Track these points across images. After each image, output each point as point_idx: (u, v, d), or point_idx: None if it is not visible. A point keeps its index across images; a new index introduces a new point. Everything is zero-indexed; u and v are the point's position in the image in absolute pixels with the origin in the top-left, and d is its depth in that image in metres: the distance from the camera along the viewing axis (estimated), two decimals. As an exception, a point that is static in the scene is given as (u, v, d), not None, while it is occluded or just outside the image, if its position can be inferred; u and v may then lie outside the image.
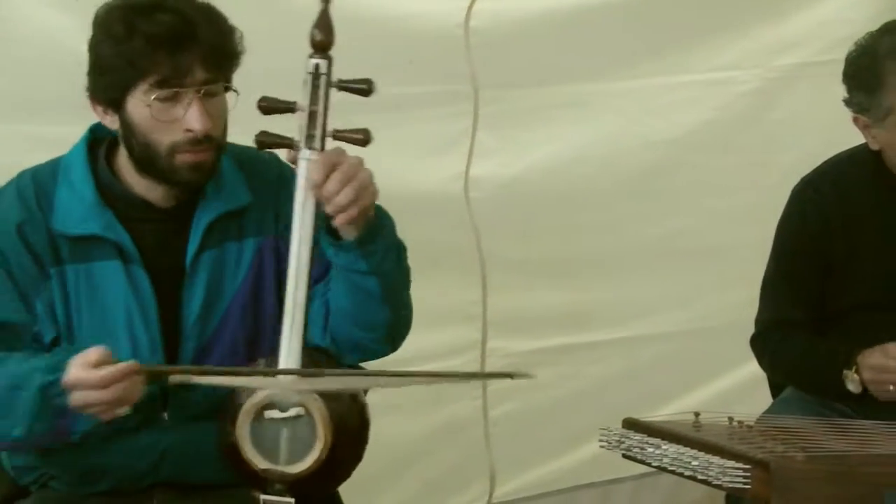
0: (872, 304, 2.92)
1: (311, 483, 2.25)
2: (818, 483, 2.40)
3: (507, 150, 3.66)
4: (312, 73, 2.28)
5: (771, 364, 3.09)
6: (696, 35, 3.84)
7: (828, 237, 2.97)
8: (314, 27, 2.29)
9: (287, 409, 2.23)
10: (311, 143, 2.27)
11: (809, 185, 3.04)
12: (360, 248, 2.32)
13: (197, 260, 2.43)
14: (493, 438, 3.72)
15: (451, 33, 3.46)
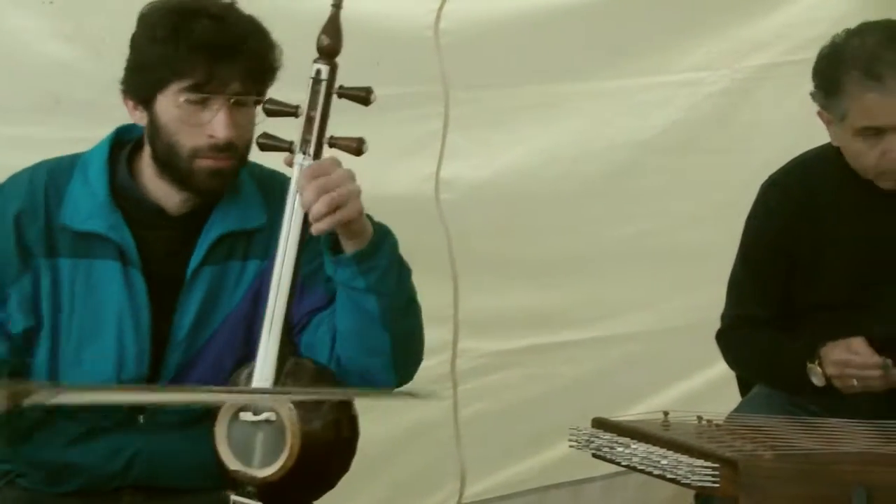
0: (838, 302, 2.93)
1: (284, 490, 2.24)
2: (786, 481, 2.41)
3: (478, 151, 3.66)
4: (314, 78, 2.28)
5: (735, 359, 3.10)
6: (664, 36, 3.85)
7: (794, 235, 2.98)
8: (322, 32, 2.29)
9: (260, 412, 2.22)
10: (305, 149, 2.27)
11: (776, 183, 3.06)
12: (358, 264, 2.31)
13: (197, 273, 2.43)
14: (463, 439, 3.72)
15: (420, 35, 3.46)
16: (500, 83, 3.64)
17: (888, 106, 2.76)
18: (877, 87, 2.75)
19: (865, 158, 2.84)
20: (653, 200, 3.91)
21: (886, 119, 2.77)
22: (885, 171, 2.83)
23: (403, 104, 3.49)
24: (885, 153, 2.80)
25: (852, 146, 2.85)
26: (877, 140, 2.80)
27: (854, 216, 2.94)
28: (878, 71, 2.75)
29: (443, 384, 3.70)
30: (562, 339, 3.86)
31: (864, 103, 2.78)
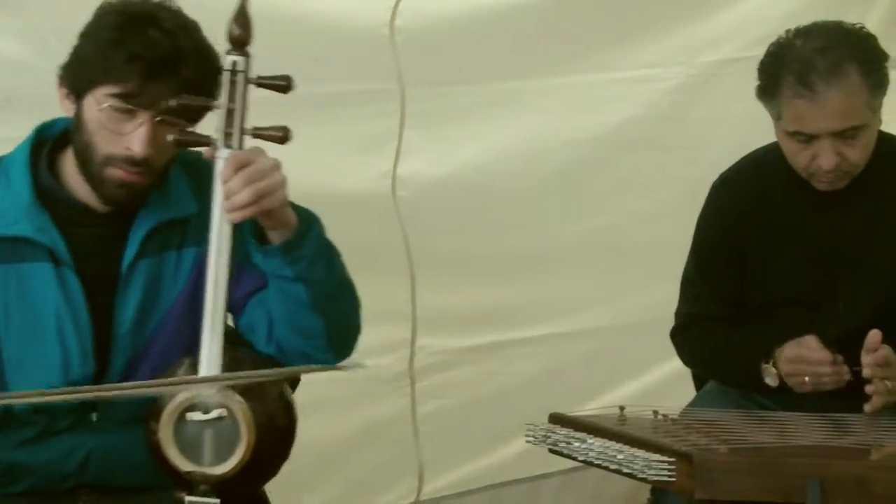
0: (790, 300, 2.95)
1: (236, 482, 2.24)
2: (741, 475, 2.42)
3: (435, 148, 3.66)
4: (230, 71, 2.25)
5: (690, 357, 3.12)
6: (620, 33, 3.86)
7: (745, 233, 3.00)
8: (231, 22, 2.26)
9: (209, 410, 2.21)
10: (228, 142, 2.25)
11: (727, 181, 3.08)
12: (285, 254, 2.29)
13: (133, 267, 2.40)
14: (421, 436, 3.72)
15: (376, 32, 3.46)
16: (457, 80, 3.64)
17: (817, 115, 2.77)
18: (808, 95, 2.76)
19: (798, 159, 2.86)
20: (609, 197, 3.92)
21: (815, 127, 2.78)
22: (815, 174, 2.85)
23: (360, 101, 3.49)
24: (815, 157, 2.82)
25: (787, 145, 2.87)
26: (808, 144, 2.82)
27: (805, 214, 2.95)
28: (810, 79, 2.75)
29: (400, 381, 3.70)
30: (519, 335, 3.86)
31: (795, 109, 2.79)
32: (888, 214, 2.92)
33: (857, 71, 2.77)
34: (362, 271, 3.52)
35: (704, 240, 3.08)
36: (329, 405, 3.55)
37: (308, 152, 3.42)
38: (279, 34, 3.29)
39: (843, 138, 2.79)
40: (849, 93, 2.76)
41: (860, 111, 2.79)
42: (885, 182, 2.92)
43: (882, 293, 2.91)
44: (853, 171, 2.85)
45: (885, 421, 2.69)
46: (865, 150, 2.84)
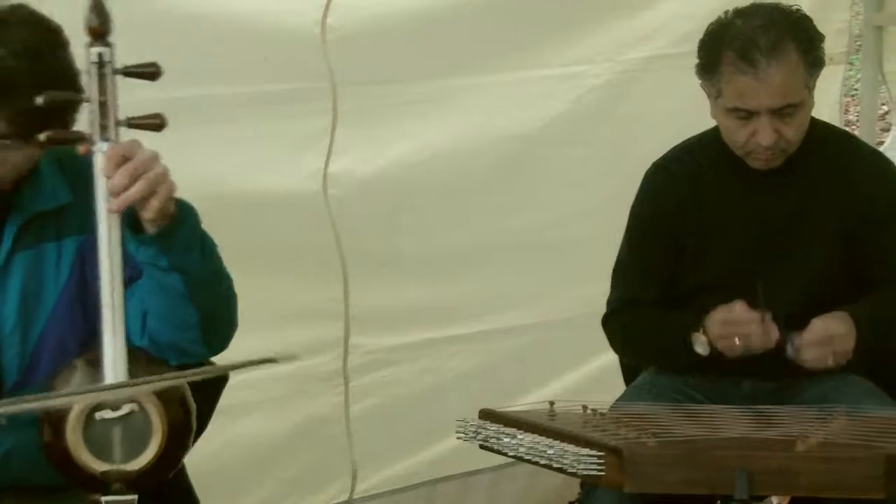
0: (723, 283, 2.96)
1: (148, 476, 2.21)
2: (670, 467, 2.44)
3: (367, 146, 3.64)
4: (97, 63, 2.19)
5: (622, 341, 3.13)
6: (548, 30, 3.86)
7: (679, 218, 3.02)
8: (89, 14, 2.15)
9: (119, 407, 2.19)
10: (105, 135, 2.20)
11: (661, 168, 3.10)
12: (161, 243, 2.25)
13: (10, 262, 2.37)
14: (354, 435, 3.71)
15: (308, 30, 3.44)
16: (388, 78, 3.63)
17: (759, 91, 2.79)
18: (750, 71, 2.79)
19: (736, 136, 2.89)
20: (539, 193, 3.93)
21: (756, 103, 2.81)
22: (752, 151, 2.89)
23: (291, 100, 3.47)
24: (754, 134, 2.85)
25: (725, 123, 2.90)
26: (747, 121, 2.85)
27: (737, 199, 2.98)
28: (752, 56, 2.78)
29: (334, 380, 3.69)
30: (451, 333, 3.86)
31: (736, 86, 2.82)
32: (818, 198, 2.96)
33: (796, 49, 2.81)
34: (295, 270, 3.55)
35: (638, 225, 3.10)
36: (263, 405, 3.54)
37: (240, 152, 3.42)
38: (210, 35, 3.28)
39: (780, 116, 2.83)
40: (789, 70, 2.80)
41: (798, 89, 2.83)
42: (815, 166, 2.96)
43: (813, 275, 2.94)
44: (789, 150, 2.89)
45: (810, 413, 2.72)
46: (801, 128, 2.88)
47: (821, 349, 2.80)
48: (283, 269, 3.54)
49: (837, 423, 2.63)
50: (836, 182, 2.96)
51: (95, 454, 2.18)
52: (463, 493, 3.95)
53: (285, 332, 3.56)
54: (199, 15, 3.27)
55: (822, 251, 2.95)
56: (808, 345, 2.80)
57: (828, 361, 2.81)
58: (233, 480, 3.50)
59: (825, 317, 2.83)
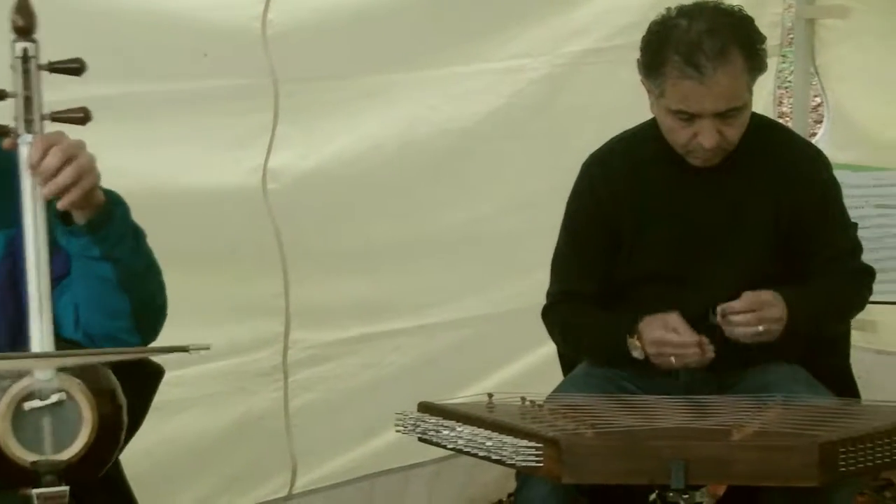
0: (659, 276, 2.99)
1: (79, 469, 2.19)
2: (607, 458, 2.45)
3: (307, 142, 3.62)
4: (22, 58, 2.21)
5: (562, 335, 3.14)
6: (487, 25, 3.86)
7: (616, 210, 3.03)
8: (15, 11, 2.19)
9: (48, 396, 2.17)
10: (30, 128, 2.21)
11: (597, 160, 3.11)
12: (92, 233, 2.26)
13: None
14: (294, 430, 3.70)
15: (248, 26, 3.42)
16: (329, 74, 3.61)
17: (703, 95, 2.81)
18: (695, 76, 2.80)
19: (677, 136, 2.90)
20: (480, 187, 3.93)
21: (699, 107, 2.83)
22: (693, 151, 2.91)
23: (232, 96, 3.45)
24: (696, 135, 2.87)
25: (667, 122, 2.92)
26: (690, 122, 2.87)
27: (673, 191, 3.00)
28: (698, 61, 2.80)
29: (274, 375, 3.68)
30: (391, 327, 3.85)
31: (680, 89, 2.83)
32: (753, 191, 2.98)
33: (741, 54, 2.83)
34: (234, 266, 3.53)
35: (576, 217, 3.11)
36: (201, 401, 3.52)
37: (178, 148, 3.39)
38: (149, 31, 3.25)
39: (723, 118, 2.85)
40: (734, 76, 2.82)
41: (742, 92, 2.86)
42: (750, 159, 2.99)
43: (748, 267, 2.97)
44: (729, 149, 2.92)
45: (745, 402, 2.74)
46: (742, 128, 2.91)
47: (749, 315, 2.83)
48: (223, 265, 3.52)
49: (773, 412, 2.66)
50: (770, 175, 2.99)
51: (24, 445, 2.16)
52: (403, 486, 3.95)
53: (224, 328, 3.54)
54: (137, 10, 3.24)
55: (756, 243, 2.98)
56: (737, 310, 2.83)
57: (758, 328, 2.83)
58: (171, 478, 3.48)
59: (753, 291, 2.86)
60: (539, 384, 3.10)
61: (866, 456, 2.40)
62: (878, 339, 4.46)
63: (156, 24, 3.28)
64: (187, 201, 3.40)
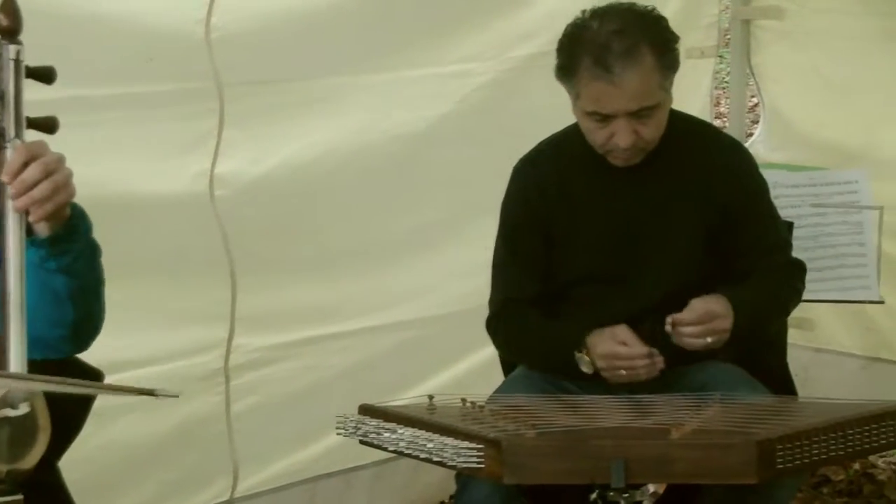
0: (595, 276, 3.00)
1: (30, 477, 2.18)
2: (548, 458, 2.46)
3: (254, 147, 3.60)
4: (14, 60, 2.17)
5: (506, 345, 3.15)
6: (433, 29, 3.87)
7: (549, 212, 3.05)
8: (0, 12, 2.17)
9: (18, 405, 2.16)
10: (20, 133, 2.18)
11: (528, 162, 3.13)
12: (53, 247, 2.25)
13: None
14: (235, 434, 3.68)
15: (191, 30, 3.40)
16: (275, 77, 3.60)
17: (615, 96, 2.84)
18: (605, 76, 2.83)
19: (595, 137, 2.94)
20: (429, 192, 3.93)
21: (613, 108, 2.86)
22: (611, 151, 2.94)
23: (176, 101, 3.42)
24: (612, 135, 2.90)
25: (584, 124, 2.95)
26: (605, 123, 2.89)
27: (602, 192, 3.03)
28: (607, 62, 2.83)
29: (215, 379, 3.66)
30: (334, 330, 3.84)
31: (592, 90, 2.87)
32: (681, 190, 3.01)
33: (651, 53, 2.85)
34: (180, 272, 3.51)
35: (510, 222, 3.13)
36: (141, 405, 3.49)
37: (122, 154, 3.36)
38: (89, 35, 3.23)
39: (638, 117, 2.88)
40: (644, 74, 2.84)
41: (654, 91, 2.87)
42: (678, 159, 3.02)
43: (681, 266, 2.99)
44: (648, 148, 2.95)
45: (684, 401, 2.76)
46: (659, 127, 2.93)
47: (699, 328, 2.85)
48: (169, 271, 3.50)
49: (711, 411, 2.68)
50: (697, 173, 3.01)
51: None
52: (345, 488, 3.94)
53: (168, 333, 3.53)
54: (80, 15, 3.22)
55: (686, 241, 3.00)
56: (687, 322, 2.85)
57: (706, 340, 2.86)
58: (110, 483, 3.45)
59: (704, 297, 2.88)
60: (480, 386, 3.11)
61: (803, 453, 2.42)
62: (815, 337, 4.51)
63: (98, 28, 3.25)
64: (133, 207, 3.38)
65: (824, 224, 3.86)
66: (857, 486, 4.33)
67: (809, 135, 4.43)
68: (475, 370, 3.94)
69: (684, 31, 4.35)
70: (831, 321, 4.48)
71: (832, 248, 3.85)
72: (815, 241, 3.84)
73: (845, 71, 4.31)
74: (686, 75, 4.39)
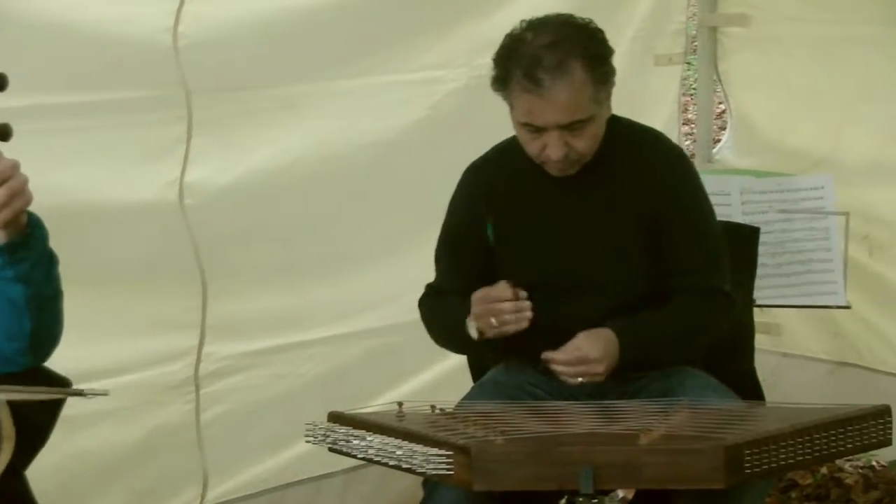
0: (542, 284, 3.00)
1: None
2: (517, 464, 2.47)
3: (223, 155, 3.60)
4: None
5: (427, 324, 3.20)
6: (402, 35, 3.87)
7: (492, 218, 3.07)
8: None
9: None
10: None
11: (474, 168, 3.16)
12: (10, 255, 2.26)
13: None
14: (205, 442, 3.67)
15: (159, 38, 3.39)
16: (244, 85, 3.60)
17: (545, 109, 2.85)
18: (535, 90, 2.84)
19: (529, 148, 2.95)
20: (399, 199, 3.93)
21: (544, 120, 2.87)
22: (545, 162, 2.96)
23: (145, 109, 3.43)
24: (545, 147, 2.91)
25: (519, 134, 2.97)
26: (538, 135, 2.91)
27: (547, 200, 3.04)
28: (537, 75, 2.84)
29: (185, 388, 3.65)
30: (304, 338, 3.84)
31: (523, 102, 2.88)
32: (621, 199, 3.01)
33: (582, 67, 2.86)
34: (151, 281, 3.50)
35: (452, 222, 3.17)
36: (112, 414, 3.49)
37: (94, 162, 3.36)
38: (56, 43, 3.22)
39: (570, 130, 2.89)
40: (574, 88, 2.85)
41: (586, 105, 2.88)
42: (621, 165, 3.02)
43: (628, 274, 3.00)
44: (582, 160, 2.96)
45: (652, 406, 2.77)
46: (593, 139, 2.94)
47: (570, 369, 2.89)
48: (139, 280, 3.49)
49: (679, 416, 2.69)
50: (637, 183, 3.01)
51: None
52: (314, 496, 3.94)
53: (138, 342, 3.52)
54: (44, 23, 3.21)
55: (628, 252, 3.01)
56: (559, 363, 2.89)
57: (577, 380, 2.89)
58: (79, 492, 3.45)
59: (587, 334, 2.90)
60: (450, 392, 3.11)
61: (771, 457, 2.44)
62: (782, 343, 4.54)
63: (65, 36, 3.25)
64: (102, 216, 3.38)
65: (791, 230, 3.88)
66: (824, 491, 4.35)
67: (776, 141, 4.46)
68: (444, 377, 3.95)
69: (652, 38, 4.41)
70: (799, 326, 4.51)
71: (799, 253, 3.87)
72: (783, 246, 3.86)
73: (811, 77, 4.34)
74: (654, 82, 4.46)
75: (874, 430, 2.62)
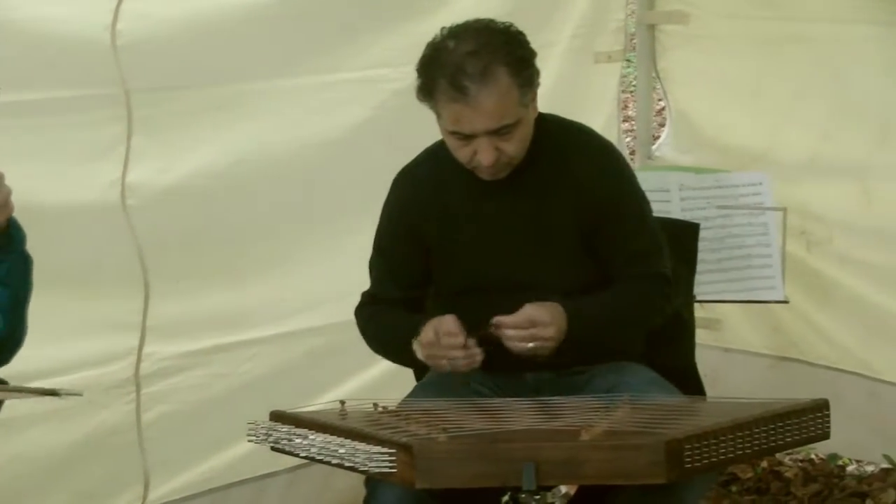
0: (478, 286, 3.02)
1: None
2: (460, 462, 2.47)
3: (165, 155, 3.58)
4: None
5: (364, 335, 3.19)
6: (345, 34, 3.86)
7: (425, 222, 3.07)
8: None
9: None
10: None
11: (406, 172, 3.16)
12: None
13: None
14: (146, 443, 3.65)
15: (97, 36, 3.37)
16: (185, 83, 3.59)
17: (473, 117, 2.86)
18: (461, 98, 2.84)
19: (459, 154, 2.95)
20: (342, 198, 3.92)
21: (472, 128, 2.88)
22: (476, 167, 2.96)
23: (83, 108, 3.41)
24: (476, 153, 2.91)
25: (448, 142, 2.97)
26: (467, 141, 2.91)
27: (479, 202, 3.04)
28: (461, 84, 2.84)
29: (125, 388, 3.63)
30: (245, 337, 3.83)
31: (451, 111, 2.88)
32: (554, 197, 3.02)
33: (506, 73, 2.86)
34: (92, 282, 3.48)
35: (385, 227, 3.16)
36: (50, 416, 3.46)
37: (31, 162, 3.32)
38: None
39: (499, 135, 2.89)
40: (500, 94, 2.85)
41: (513, 109, 2.88)
42: (552, 163, 3.03)
43: (563, 272, 3.02)
44: (513, 162, 2.96)
45: (594, 402, 2.79)
46: (522, 142, 2.95)
47: (520, 332, 2.87)
48: (80, 281, 3.47)
49: (621, 412, 2.71)
50: (569, 180, 3.02)
51: None
52: (257, 496, 3.93)
53: (78, 343, 3.50)
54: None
55: (563, 250, 3.02)
56: (509, 325, 2.88)
57: (528, 345, 2.88)
58: (19, 495, 3.42)
59: (536, 304, 2.90)
60: (392, 391, 3.12)
61: (711, 452, 2.46)
62: (722, 338, 4.57)
63: (1, 34, 3.22)
64: (42, 217, 3.32)
65: (730, 225, 3.91)
66: (765, 484, 4.39)
67: (715, 138, 4.49)
68: (386, 376, 3.93)
69: (592, 36, 4.43)
70: (739, 321, 4.54)
71: (738, 248, 3.91)
72: (722, 242, 3.89)
73: (749, 75, 4.38)
74: (594, 79, 4.48)
75: (813, 424, 2.65)
